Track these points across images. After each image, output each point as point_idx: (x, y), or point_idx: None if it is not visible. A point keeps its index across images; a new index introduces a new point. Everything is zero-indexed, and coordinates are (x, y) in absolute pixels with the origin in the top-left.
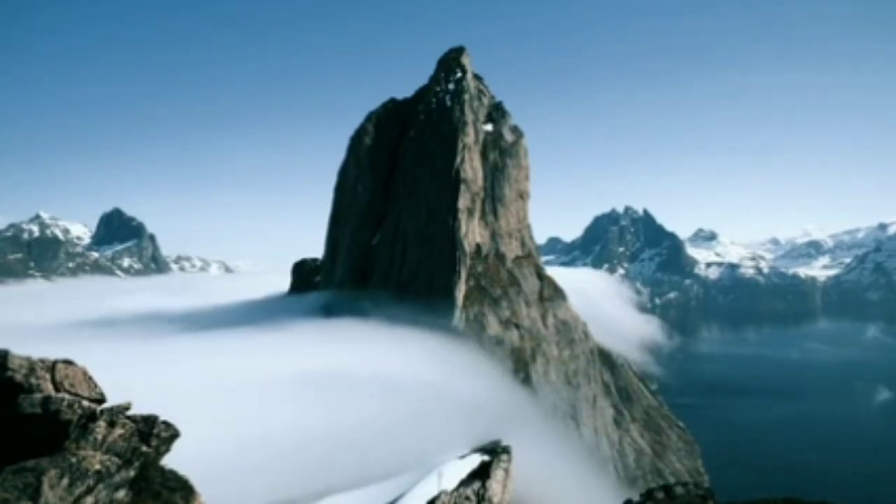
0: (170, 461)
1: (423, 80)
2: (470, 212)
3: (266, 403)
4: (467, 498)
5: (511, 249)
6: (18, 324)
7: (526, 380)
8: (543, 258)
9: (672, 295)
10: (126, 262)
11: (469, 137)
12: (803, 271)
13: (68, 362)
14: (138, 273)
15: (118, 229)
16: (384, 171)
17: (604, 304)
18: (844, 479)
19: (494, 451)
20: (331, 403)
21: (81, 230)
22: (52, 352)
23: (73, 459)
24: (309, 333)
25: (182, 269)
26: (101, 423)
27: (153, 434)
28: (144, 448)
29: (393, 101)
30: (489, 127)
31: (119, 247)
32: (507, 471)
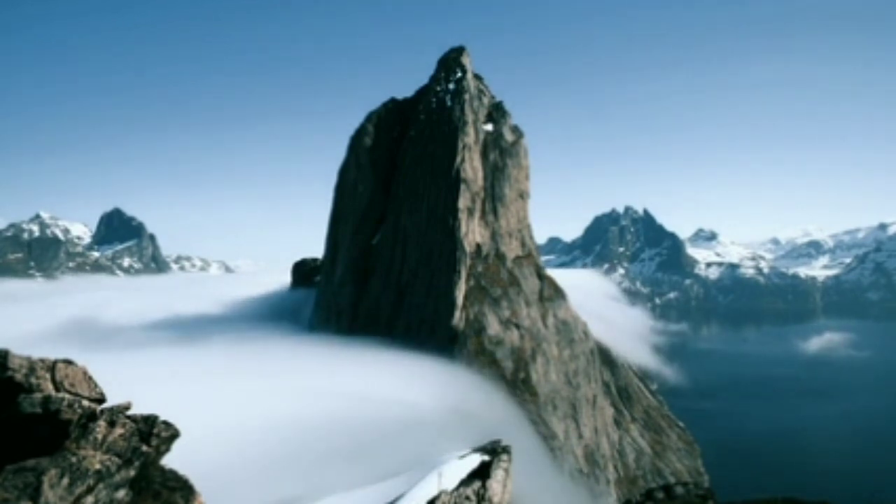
0: (170, 461)
1: (423, 79)
2: (470, 212)
3: (266, 405)
4: (467, 498)
5: (511, 249)
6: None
7: (526, 380)
8: (543, 258)
9: (672, 295)
10: (126, 261)
11: (469, 137)
12: (803, 271)
13: (68, 362)
14: (138, 273)
15: (118, 229)
16: (384, 171)
17: (604, 303)
18: (845, 479)
19: (494, 450)
20: (330, 407)
21: (81, 230)
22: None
23: (74, 459)
24: (304, 348)
25: (182, 268)
26: (102, 423)
27: (153, 434)
28: (144, 448)
29: (393, 100)
30: (489, 127)
31: (119, 246)
32: (507, 471)
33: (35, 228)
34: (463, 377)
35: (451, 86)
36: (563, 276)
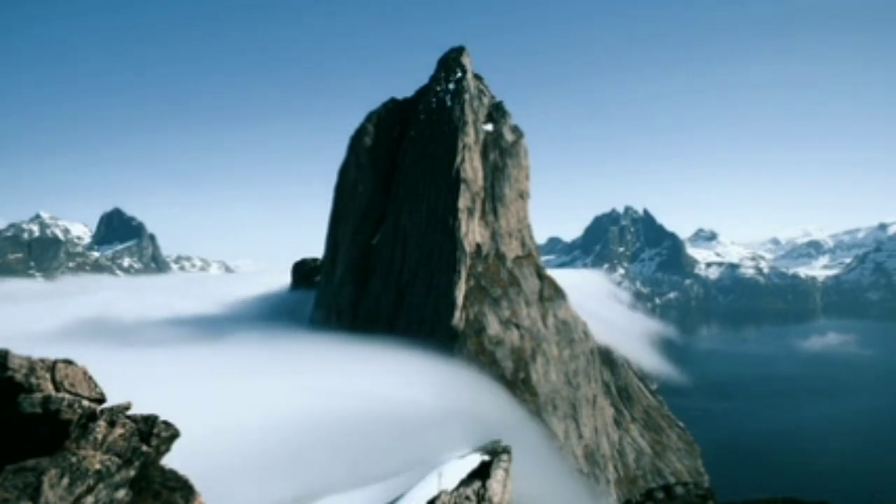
0: (170, 461)
1: (423, 79)
2: (470, 212)
3: (266, 405)
4: (467, 498)
5: (511, 249)
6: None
7: (526, 380)
8: (543, 258)
9: (672, 295)
10: (126, 261)
11: (469, 137)
12: (803, 271)
13: (68, 362)
14: (138, 273)
15: (118, 229)
16: (384, 171)
17: (604, 303)
18: (845, 479)
19: (494, 451)
20: (330, 406)
21: (81, 230)
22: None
23: (74, 459)
24: (304, 347)
25: (182, 268)
26: (102, 423)
27: (153, 434)
28: (144, 448)
29: (393, 100)
30: (489, 127)
31: (119, 246)
32: (507, 471)
33: (35, 228)
34: (463, 377)
35: (451, 86)
36: (563, 276)
